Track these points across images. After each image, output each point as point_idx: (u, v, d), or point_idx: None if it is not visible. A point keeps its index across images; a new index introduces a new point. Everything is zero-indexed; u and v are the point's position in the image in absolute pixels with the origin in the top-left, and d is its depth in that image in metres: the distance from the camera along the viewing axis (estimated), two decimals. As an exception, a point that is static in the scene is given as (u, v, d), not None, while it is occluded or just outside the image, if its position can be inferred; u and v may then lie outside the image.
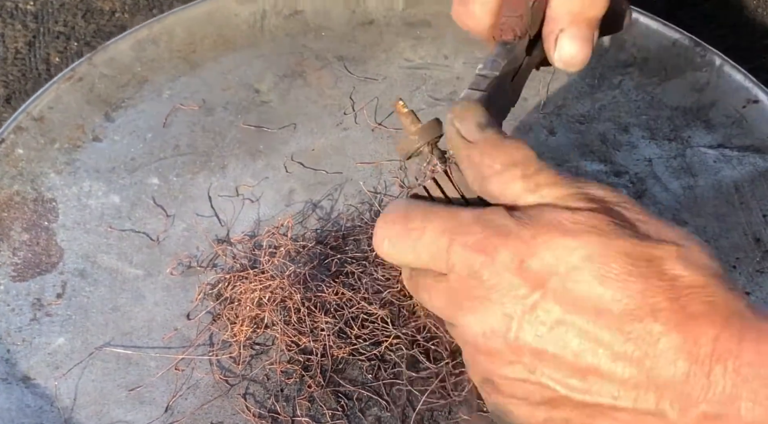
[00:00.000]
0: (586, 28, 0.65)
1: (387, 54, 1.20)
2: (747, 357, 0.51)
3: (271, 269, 0.93)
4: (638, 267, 0.53)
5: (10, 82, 1.24)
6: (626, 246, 0.54)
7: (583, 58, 0.66)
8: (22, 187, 1.04)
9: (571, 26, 0.65)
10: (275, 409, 0.85)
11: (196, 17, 1.21)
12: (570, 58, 0.66)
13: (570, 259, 0.54)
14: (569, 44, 0.66)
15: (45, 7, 1.32)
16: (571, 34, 0.65)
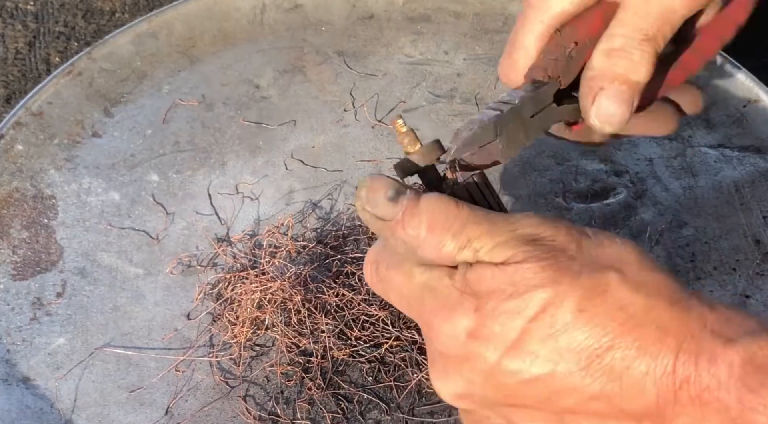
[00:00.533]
0: (627, 90, 0.64)
1: (387, 49, 1.19)
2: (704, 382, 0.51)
3: (272, 271, 0.93)
4: (583, 309, 0.53)
5: (10, 82, 1.23)
6: (567, 291, 0.53)
7: (620, 118, 0.64)
8: (22, 184, 1.03)
9: (611, 85, 0.64)
10: (275, 411, 0.85)
11: (195, 11, 1.21)
12: (608, 117, 0.64)
13: (515, 324, 0.54)
14: (608, 103, 0.64)
15: (45, 7, 1.32)
16: (611, 93, 0.64)
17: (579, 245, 0.55)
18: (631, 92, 0.65)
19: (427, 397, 0.86)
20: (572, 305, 0.53)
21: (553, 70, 0.66)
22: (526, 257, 0.54)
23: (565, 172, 1.04)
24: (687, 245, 0.97)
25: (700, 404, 0.51)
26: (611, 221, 1.00)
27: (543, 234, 0.55)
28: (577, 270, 0.54)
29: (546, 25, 0.66)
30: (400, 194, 0.57)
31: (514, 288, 0.54)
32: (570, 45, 0.66)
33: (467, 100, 1.12)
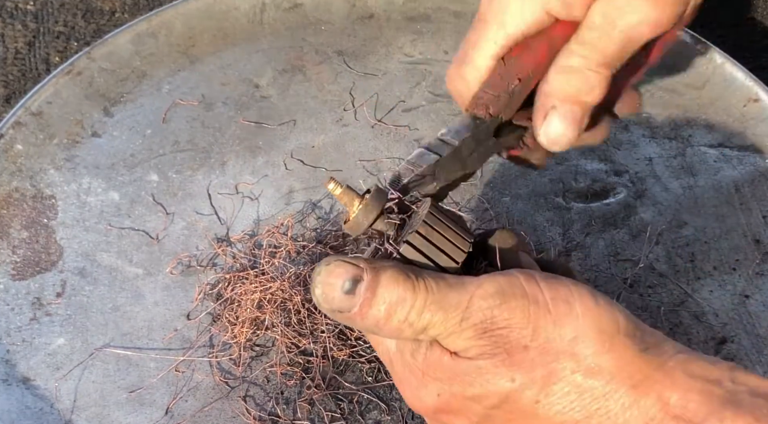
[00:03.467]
0: (578, 110, 0.64)
1: (387, 49, 1.19)
2: None
3: (271, 271, 0.92)
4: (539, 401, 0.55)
5: (10, 82, 1.23)
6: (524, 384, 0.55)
7: (568, 139, 0.65)
8: (21, 184, 1.03)
9: (563, 105, 0.64)
10: (275, 412, 0.85)
11: (195, 11, 1.21)
12: (556, 137, 0.64)
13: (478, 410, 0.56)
14: (558, 123, 0.64)
15: (45, 7, 1.32)
16: (562, 113, 0.64)
17: (534, 329, 0.55)
18: (582, 113, 0.65)
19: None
20: (530, 397, 0.54)
21: (494, 108, 0.67)
22: (479, 353, 0.55)
23: (564, 171, 1.04)
24: (687, 245, 0.97)
25: None
26: (611, 221, 1.00)
27: (497, 320, 0.55)
28: (531, 361, 0.54)
29: (499, 45, 0.66)
30: (357, 284, 0.56)
31: (474, 377, 0.55)
32: (514, 81, 0.66)
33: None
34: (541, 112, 0.65)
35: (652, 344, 0.55)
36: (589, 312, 0.55)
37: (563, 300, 0.55)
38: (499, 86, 0.66)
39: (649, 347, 0.55)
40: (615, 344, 0.54)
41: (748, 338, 0.89)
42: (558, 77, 0.64)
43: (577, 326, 0.54)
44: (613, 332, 0.54)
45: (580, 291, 0.55)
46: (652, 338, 0.56)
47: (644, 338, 0.55)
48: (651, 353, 0.54)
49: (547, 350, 0.54)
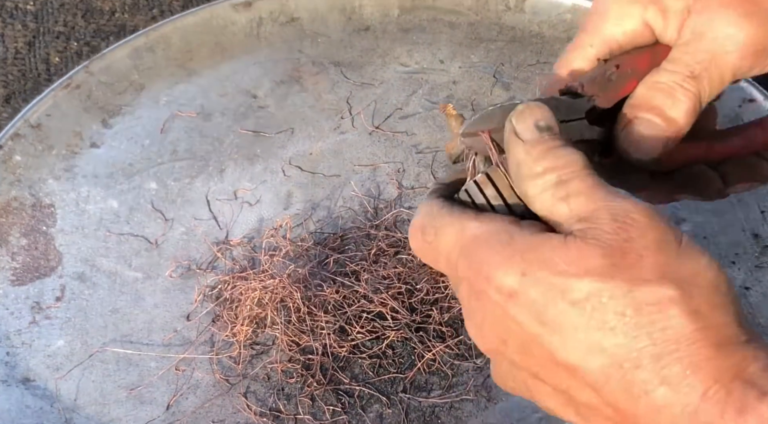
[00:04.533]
0: (661, 123, 0.64)
1: (383, 59, 1.20)
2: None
3: (271, 269, 0.93)
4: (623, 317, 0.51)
5: (10, 82, 1.24)
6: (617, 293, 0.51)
7: (650, 146, 0.64)
8: (20, 193, 1.04)
9: (646, 114, 0.63)
10: (277, 407, 0.85)
11: (192, 25, 1.21)
12: (635, 143, 0.64)
13: (557, 302, 0.53)
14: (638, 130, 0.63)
15: (45, 7, 1.32)
16: (643, 122, 0.63)
17: (659, 247, 0.52)
18: (665, 127, 0.63)
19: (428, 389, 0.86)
20: (615, 306, 0.51)
21: (588, 87, 0.65)
22: (597, 236, 0.53)
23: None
24: (686, 241, 0.97)
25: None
26: (609, 219, 1.00)
27: (636, 219, 0.53)
28: (638, 272, 0.52)
29: (596, 49, 0.66)
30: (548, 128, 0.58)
31: (567, 267, 0.52)
32: (611, 68, 0.65)
33: (464, 107, 1.13)
34: (623, 121, 0.64)
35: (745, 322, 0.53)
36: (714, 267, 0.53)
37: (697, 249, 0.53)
38: (596, 73, 0.66)
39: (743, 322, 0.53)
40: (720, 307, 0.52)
41: (750, 328, 0.89)
42: (644, 90, 0.64)
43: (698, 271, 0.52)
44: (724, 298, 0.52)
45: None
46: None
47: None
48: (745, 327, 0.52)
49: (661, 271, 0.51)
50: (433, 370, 0.87)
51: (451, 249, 0.58)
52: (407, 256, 0.95)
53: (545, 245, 0.54)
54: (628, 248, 0.52)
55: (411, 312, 0.90)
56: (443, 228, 0.59)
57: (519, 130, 0.58)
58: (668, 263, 0.52)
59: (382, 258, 0.95)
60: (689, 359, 0.50)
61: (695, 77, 0.63)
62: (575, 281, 0.52)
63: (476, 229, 0.57)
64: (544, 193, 0.56)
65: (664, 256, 0.52)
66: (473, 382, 0.87)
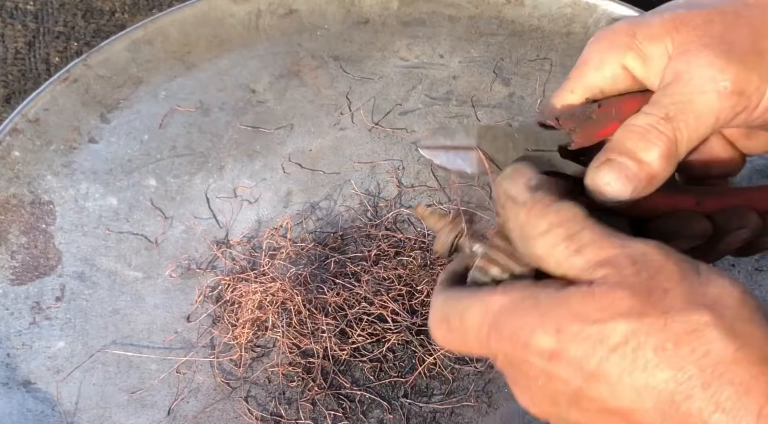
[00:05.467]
0: (632, 166, 0.63)
1: (383, 53, 1.20)
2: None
3: (272, 271, 0.92)
4: (665, 351, 0.51)
5: (10, 82, 1.23)
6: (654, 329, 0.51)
7: (615, 190, 0.62)
8: (19, 190, 1.03)
9: (618, 157, 0.63)
10: (278, 412, 0.85)
11: (190, 18, 1.21)
12: (601, 184, 0.62)
13: (596, 351, 0.53)
14: (608, 170, 0.62)
15: (45, 7, 1.31)
16: (614, 165, 0.63)
17: (682, 277, 0.53)
18: (636, 171, 0.62)
19: (429, 394, 0.87)
20: (655, 342, 0.51)
21: (565, 122, 0.65)
22: (621, 280, 0.53)
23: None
24: (685, 242, 0.98)
25: None
26: (609, 220, 1.00)
27: (653, 258, 0.54)
28: (668, 305, 0.52)
29: (577, 94, 0.65)
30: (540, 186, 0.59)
31: (600, 314, 0.53)
32: (593, 107, 0.65)
33: (463, 102, 1.12)
34: (595, 162, 0.64)
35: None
36: (737, 285, 0.53)
37: (715, 271, 0.54)
38: (576, 110, 0.65)
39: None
40: (754, 321, 0.52)
41: (749, 333, 0.90)
42: (620, 132, 0.63)
43: (723, 291, 0.53)
44: (755, 312, 0.52)
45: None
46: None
47: None
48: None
49: (689, 300, 0.52)
50: (434, 374, 0.88)
51: (480, 327, 0.58)
52: (407, 257, 0.95)
53: (572, 299, 0.54)
54: (652, 286, 0.53)
55: (412, 314, 0.90)
56: (467, 311, 0.59)
57: (513, 194, 0.59)
58: (693, 291, 0.53)
59: (382, 259, 0.95)
60: (738, 379, 0.50)
61: (669, 119, 0.61)
62: (610, 326, 0.52)
63: (500, 300, 0.57)
64: (555, 248, 0.56)
65: (688, 284, 0.53)
66: (474, 387, 0.87)
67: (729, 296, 0.53)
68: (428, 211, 0.65)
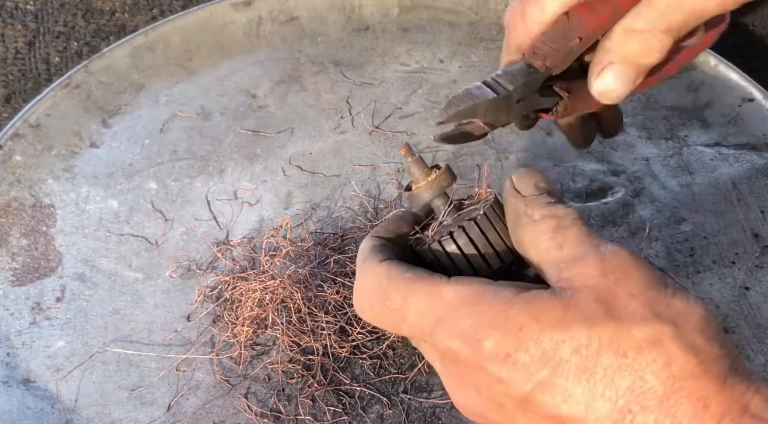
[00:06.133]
0: (633, 71, 0.65)
1: (383, 58, 1.20)
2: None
3: (272, 269, 0.92)
4: (626, 358, 0.51)
5: (10, 82, 1.24)
6: (616, 334, 0.51)
7: (619, 94, 0.66)
8: (20, 194, 1.03)
9: (620, 64, 0.65)
10: (277, 408, 0.85)
11: (192, 24, 1.21)
12: (608, 91, 0.66)
13: (554, 356, 0.52)
14: (611, 78, 0.65)
15: (45, 7, 1.32)
16: (617, 70, 0.65)
17: (648, 286, 0.54)
18: (636, 74, 0.65)
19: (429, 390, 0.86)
20: (616, 349, 0.51)
21: (551, 61, 0.66)
22: (589, 282, 0.54)
23: (562, 173, 1.05)
24: (686, 241, 0.97)
25: None
26: (610, 219, 1.00)
27: (623, 260, 0.54)
28: (632, 312, 0.52)
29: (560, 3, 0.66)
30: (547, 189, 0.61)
31: (562, 317, 0.53)
32: (574, 39, 0.66)
33: (463, 106, 1.12)
34: (597, 67, 0.66)
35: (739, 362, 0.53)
36: (700, 304, 0.54)
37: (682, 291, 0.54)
38: (559, 41, 0.66)
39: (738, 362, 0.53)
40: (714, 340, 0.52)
41: (749, 329, 0.89)
42: (621, 37, 0.65)
43: (687, 308, 0.53)
44: (715, 331, 0.53)
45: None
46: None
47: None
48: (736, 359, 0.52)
49: (652, 311, 0.52)
50: (434, 370, 0.87)
51: (424, 316, 0.57)
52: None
53: (535, 302, 0.54)
54: (617, 290, 0.53)
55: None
56: (413, 295, 0.58)
57: (520, 188, 0.61)
58: (659, 301, 0.53)
59: (382, 258, 0.95)
60: (696, 395, 0.50)
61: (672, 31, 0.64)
62: (574, 329, 0.52)
63: (454, 292, 0.57)
64: (541, 237, 0.57)
65: (654, 293, 0.53)
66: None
67: (693, 312, 0.53)
68: (414, 156, 0.65)
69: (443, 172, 0.65)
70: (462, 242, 0.61)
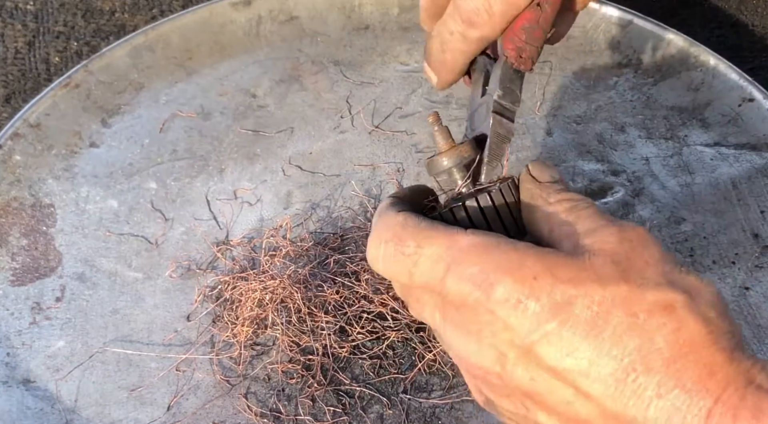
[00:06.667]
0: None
1: (383, 58, 1.20)
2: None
3: (272, 269, 0.92)
4: (637, 319, 0.51)
5: (10, 82, 1.23)
6: (629, 296, 0.52)
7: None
8: (20, 193, 1.03)
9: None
10: (277, 408, 0.85)
11: (191, 24, 1.21)
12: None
13: (569, 307, 0.52)
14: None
15: (45, 7, 1.32)
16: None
17: (663, 258, 0.54)
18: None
19: (429, 390, 0.86)
20: (628, 309, 0.51)
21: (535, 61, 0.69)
22: (606, 247, 0.54)
23: (562, 173, 1.04)
24: (686, 240, 0.97)
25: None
26: (609, 219, 1.00)
27: (639, 234, 0.55)
28: (647, 277, 0.53)
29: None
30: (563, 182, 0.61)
31: (576, 274, 0.53)
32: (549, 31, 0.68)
33: (463, 106, 1.13)
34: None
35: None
36: (713, 285, 0.54)
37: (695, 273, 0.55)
38: (538, 37, 0.67)
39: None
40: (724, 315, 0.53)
41: (749, 329, 0.89)
42: None
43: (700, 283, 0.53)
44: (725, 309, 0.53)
45: None
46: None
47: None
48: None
49: (667, 280, 0.53)
50: (434, 370, 0.87)
51: (437, 262, 0.57)
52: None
53: (551, 256, 0.54)
54: (634, 256, 0.53)
55: (411, 312, 0.90)
56: (428, 239, 0.58)
57: (536, 175, 0.62)
58: (673, 273, 0.53)
59: (382, 258, 0.95)
60: (703, 362, 0.50)
61: None
62: (588, 286, 0.52)
63: (469, 241, 0.57)
64: (557, 215, 0.58)
65: (669, 266, 0.53)
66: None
67: (705, 288, 0.53)
68: (440, 125, 0.66)
69: (466, 144, 0.65)
70: (472, 212, 0.61)
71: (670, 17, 1.26)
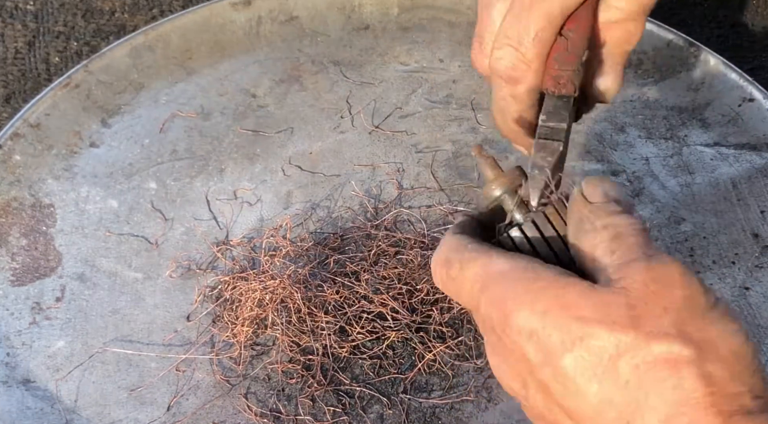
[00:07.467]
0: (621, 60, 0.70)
1: (383, 58, 1.20)
2: None
3: (272, 269, 0.93)
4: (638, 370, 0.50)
5: (10, 82, 1.24)
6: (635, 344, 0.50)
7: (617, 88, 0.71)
8: (20, 193, 1.03)
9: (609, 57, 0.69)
10: (277, 408, 0.85)
11: (191, 24, 1.21)
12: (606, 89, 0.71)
13: (575, 347, 0.51)
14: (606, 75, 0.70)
15: (45, 7, 1.32)
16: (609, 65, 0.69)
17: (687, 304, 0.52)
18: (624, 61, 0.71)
19: (429, 390, 0.86)
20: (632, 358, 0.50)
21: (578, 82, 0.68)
22: (630, 286, 0.52)
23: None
24: (686, 240, 0.97)
25: None
26: (609, 219, 1.00)
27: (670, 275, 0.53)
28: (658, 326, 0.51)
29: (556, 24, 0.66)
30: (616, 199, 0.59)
31: (589, 314, 0.52)
32: (583, 53, 0.67)
33: (463, 106, 1.13)
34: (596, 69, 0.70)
35: None
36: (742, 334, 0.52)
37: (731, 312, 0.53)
38: (572, 61, 0.67)
39: None
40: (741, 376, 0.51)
41: (749, 329, 0.89)
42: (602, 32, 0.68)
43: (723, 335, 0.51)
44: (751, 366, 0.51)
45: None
46: None
47: None
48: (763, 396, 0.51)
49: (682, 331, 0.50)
50: (434, 370, 0.87)
51: (474, 283, 0.58)
52: (407, 256, 0.95)
53: (571, 288, 0.53)
54: (653, 301, 0.51)
55: (411, 312, 0.90)
56: (469, 262, 0.59)
57: (587, 194, 0.59)
58: (692, 322, 0.51)
59: (382, 258, 0.95)
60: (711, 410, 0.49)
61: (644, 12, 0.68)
62: (595, 328, 0.51)
63: (502, 264, 0.57)
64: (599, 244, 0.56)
65: (689, 314, 0.51)
66: (474, 382, 0.87)
67: (725, 341, 0.51)
68: (486, 156, 0.65)
69: (513, 170, 0.65)
70: (518, 240, 0.61)
71: (670, 17, 1.26)
